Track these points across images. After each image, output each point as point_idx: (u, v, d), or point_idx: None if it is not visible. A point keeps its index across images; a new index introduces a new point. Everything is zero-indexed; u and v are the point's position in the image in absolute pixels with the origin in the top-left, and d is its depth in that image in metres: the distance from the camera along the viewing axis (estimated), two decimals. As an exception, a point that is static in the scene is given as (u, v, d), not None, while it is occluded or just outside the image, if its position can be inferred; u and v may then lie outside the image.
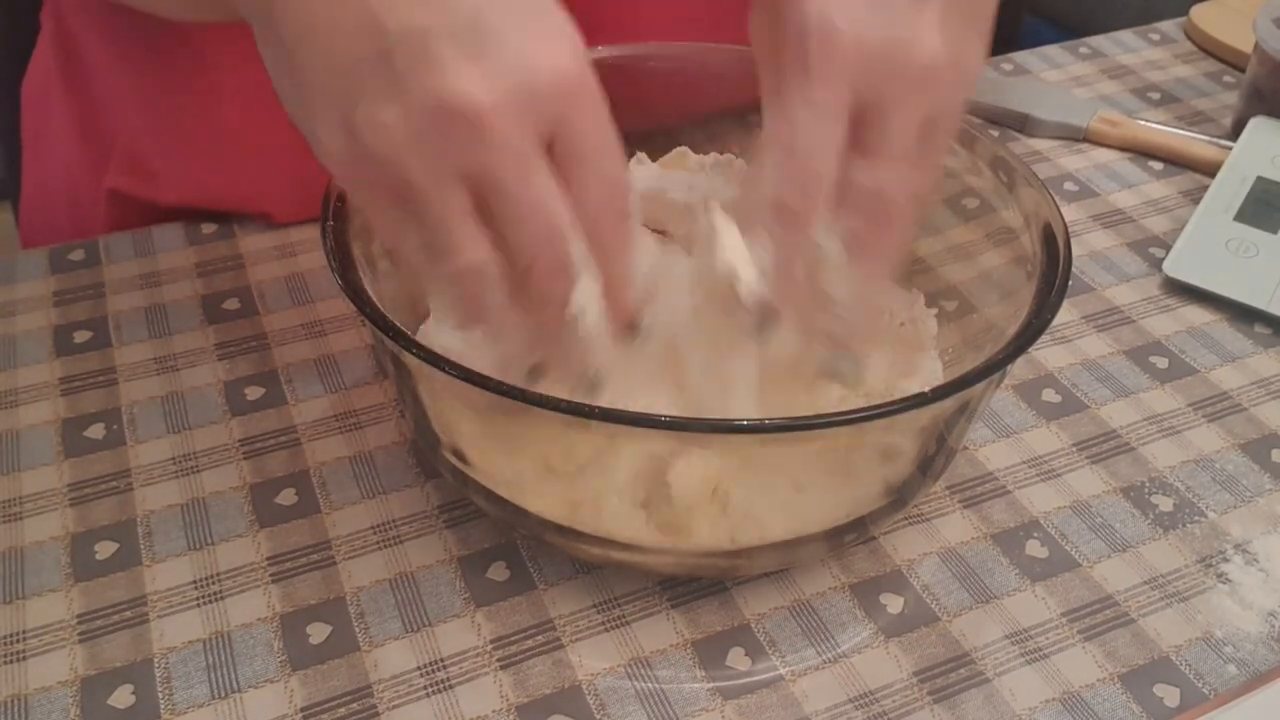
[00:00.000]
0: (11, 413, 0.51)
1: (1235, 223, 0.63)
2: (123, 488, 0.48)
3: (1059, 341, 0.57)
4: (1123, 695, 0.42)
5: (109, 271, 0.59)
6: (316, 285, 0.58)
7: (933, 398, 0.37)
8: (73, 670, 0.42)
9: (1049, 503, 0.49)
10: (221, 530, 0.46)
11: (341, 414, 0.51)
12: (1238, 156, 0.67)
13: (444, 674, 0.42)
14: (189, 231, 0.61)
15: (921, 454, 0.43)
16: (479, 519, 0.47)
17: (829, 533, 0.43)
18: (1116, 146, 0.72)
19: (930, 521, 0.48)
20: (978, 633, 0.44)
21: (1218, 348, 0.57)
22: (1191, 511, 0.49)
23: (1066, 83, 0.78)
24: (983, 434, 0.52)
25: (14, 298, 0.57)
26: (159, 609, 0.44)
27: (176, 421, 0.51)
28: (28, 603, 0.44)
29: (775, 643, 0.43)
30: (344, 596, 0.44)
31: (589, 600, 0.44)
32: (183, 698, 0.41)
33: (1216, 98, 0.78)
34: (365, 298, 0.40)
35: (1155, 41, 0.84)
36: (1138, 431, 0.53)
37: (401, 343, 0.38)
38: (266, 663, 0.42)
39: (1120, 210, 0.67)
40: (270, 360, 0.54)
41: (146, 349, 0.54)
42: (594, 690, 0.42)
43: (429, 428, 0.44)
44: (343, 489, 0.48)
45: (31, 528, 0.46)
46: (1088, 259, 0.63)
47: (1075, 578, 0.46)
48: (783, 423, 0.37)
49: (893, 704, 0.41)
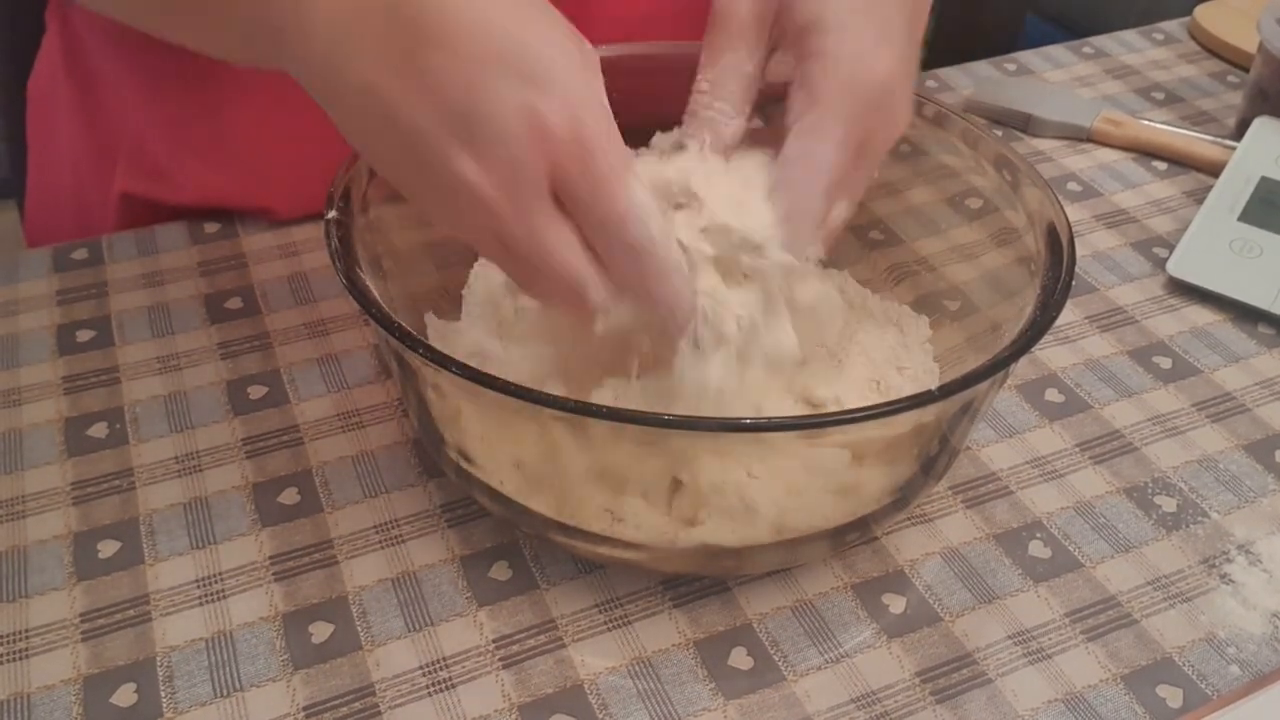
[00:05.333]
0: (14, 411, 0.51)
1: (1239, 223, 0.63)
2: (125, 487, 0.48)
3: (1062, 341, 0.57)
4: (1125, 696, 0.42)
5: (112, 271, 0.59)
6: (319, 284, 0.58)
7: (936, 396, 0.37)
8: (75, 669, 0.42)
9: (1052, 503, 0.49)
10: (224, 529, 0.46)
11: (344, 413, 0.52)
12: (1241, 156, 0.67)
13: (446, 673, 0.42)
14: (192, 231, 0.62)
15: (923, 453, 0.43)
16: (481, 518, 0.47)
17: (831, 532, 0.43)
18: (1120, 146, 0.72)
19: (933, 521, 0.48)
20: (980, 633, 0.44)
21: (1221, 348, 0.57)
22: (1195, 512, 0.49)
23: (1070, 83, 0.78)
24: (986, 434, 0.52)
25: (17, 296, 0.57)
26: (161, 608, 0.44)
27: (179, 421, 0.51)
28: (31, 601, 0.44)
29: (777, 642, 0.43)
30: (346, 595, 0.44)
31: (591, 600, 0.44)
32: (185, 696, 0.41)
33: (1220, 98, 0.78)
34: (369, 297, 0.40)
35: (1159, 41, 0.84)
36: (1141, 432, 0.53)
37: (405, 342, 0.38)
38: (269, 662, 0.42)
39: (1124, 210, 0.67)
40: (273, 359, 0.54)
41: (149, 348, 0.54)
42: (596, 690, 0.41)
43: (433, 427, 0.44)
44: (345, 488, 0.48)
45: (34, 526, 0.46)
46: (1091, 259, 0.63)
47: (1078, 578, 0.46)
48: (783, 422, 0.37)
49: (895, 704, 0.41)
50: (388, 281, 0.45)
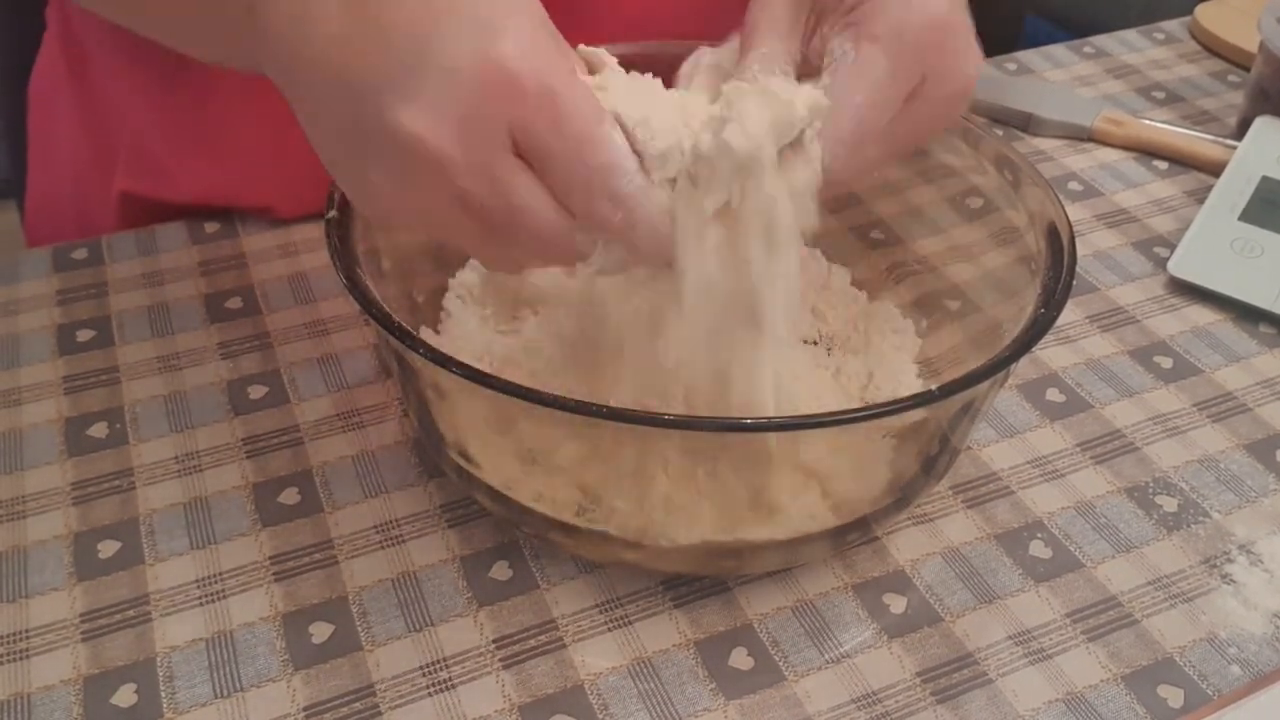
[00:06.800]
0: (14, 411, 0.51)
1: (1240, 222, 0.63)
2: (125, 487, 0.48)
3: (1063, 341, 0.57)
4: (1126, 696, 0.42)
5: (112, 270, 0.59)
6: (319, 284, 0.58)
7: (937, 396, 0.37)
8: (75, 669, 0.42)
9: (1053, 503, 0.49)
10: (224, 529, 0.46)
11: (344, 413, 0.51)
12: (1242, 156, 0.67)
13: (446, 673, 0.42)
14: (192, 230, 0.61)
15: (923, 453, 0.43)
16: (481, 518, 0.47)
17: (832, 532, 0.43)
18: (1121, 146, 0.72)
19: (934, 521, 0.48)
20: (981, 633, 0.44)
21: (1222, 348, 0.57)
22: (1196, 512, 0.49)
23: (1071, 82, 0.78)
24: (986, 434, 0.52)
25: (17, 296, 0.57)
26: (161, 608, 0.44)
27: (179, 420, 0.51)
28: (31, 601, 0.44)
29: (778, 642, 0.43)
30: (346, 596, 0.44)
31: (591, 600, 0.44)
32: (185, 697, 0.41)
33: (1221, 97, 0.78)
34: (369, 296, 0.40)
35: (1160, 41, 0.84)
36: (1142, 432, 0.53)
37: (405, 341, 0.38)
38: (269, 662, 0.42)
39: (1125, 210, 0.67)
40: (273, 359, 0.54)
41: (149, 348, 0.54)
42: (596, 690, 0.41)
43: (433, 426, 0.44)
44: (345, 488, 0.48)
45: (34, 526, 0.46)
46: (1092, 258, 0.63)
47: (1079, 578, 0.46)
48: (784, 421, 0.37)
49: (895, 704, 0.41)
50: (388, 281, 0.45)
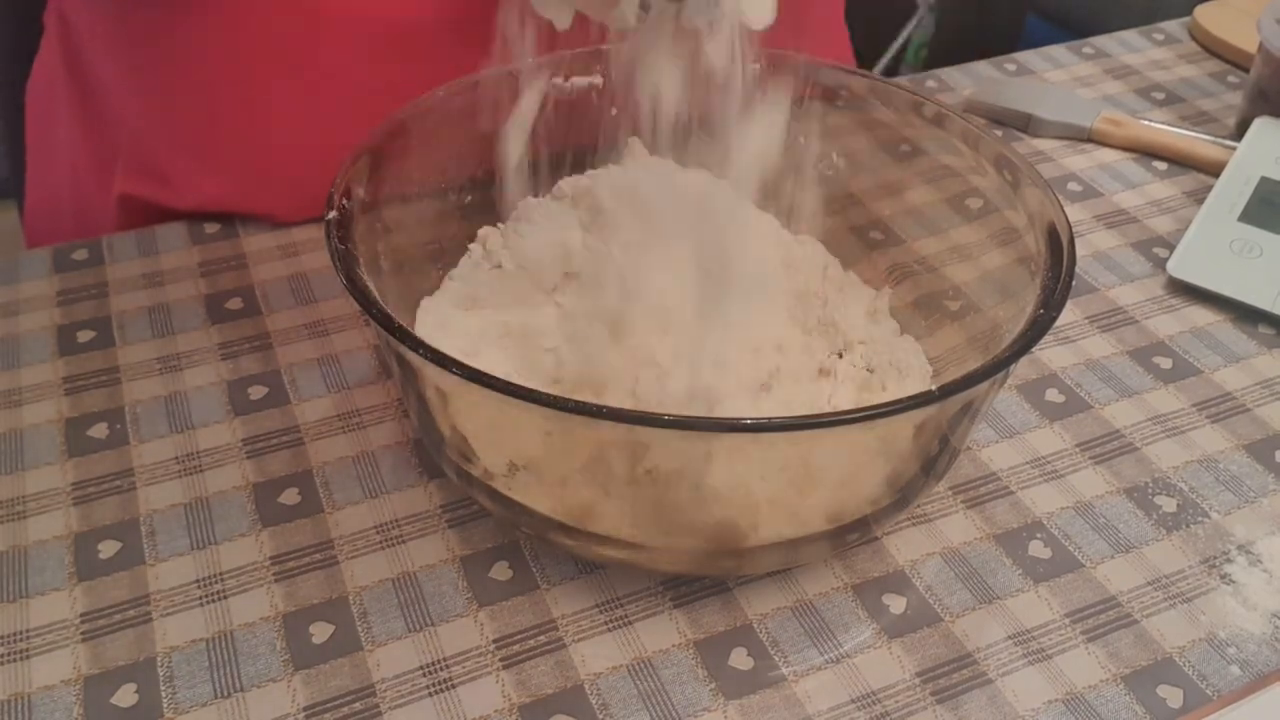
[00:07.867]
0: (15, 412, 0.51)
1: (1239, 223, 0.63)
2: (126, 487, 0.48)
3: (1062, 342, 0.57)
4: (1126, 696, 0.42)
5: (112, 271, 0.59)
6: (319, 284, 0.58)
7: (937, 397, 0.37)
8: (76, 669, 0.42)
9: (1052, 503, 0.49)
10: (224, 530, 0.46)
11: (344, 413, 0.52)
12: (1242, 157, 0.67)
13: (446, 674, 0.42)
14: (192, 231, 0.62)
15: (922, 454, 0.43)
16: (481, 519, 0.47)
17: (831, 532, 0.43)
18: (1120, 147, 0.72)
19: (933, 522, 0.48)
20: (980, 633, 0.44)
21: (1221, 348, 0.57)
22: (1195, 512, 0.49)
23: (1070, 83, 0.78)
24: (986, 434, 0.52)
25: (17, 297, 0.57)
26: (162, 608, 0.44)
27: (179, 421, 0.51)
28: (31, 602, 0.44)
29: (778, 643, 0.43)
30: (346, 596, 0.44)
31: (591, 600, 0.44)
32: (186, 697, 0.41)
33: (1221, 98, 0.78)
34: (369, 297, 0.40)
35: (1159, 41, 0.84)
36: (1141, 432, 0.53)
37: (405, 342, 0.38)
38: (269, 662, 0.42)
39: (1124, 210, 0.67)
40: (273, 360, 0.54)
41: (149, 348, 0.54)
42: (597, 690, 0.41)
43: (433, 427, 0.44)
44: (345, 488, 0.48)
45: (35, 527, 0.46)
46: (1091, 259, 0.63)
47: (1078, 578, 0.46)
48: (784, 421, 0.37)
49: (895, 704, 0.41)
50: (388, 281, 0.45)
